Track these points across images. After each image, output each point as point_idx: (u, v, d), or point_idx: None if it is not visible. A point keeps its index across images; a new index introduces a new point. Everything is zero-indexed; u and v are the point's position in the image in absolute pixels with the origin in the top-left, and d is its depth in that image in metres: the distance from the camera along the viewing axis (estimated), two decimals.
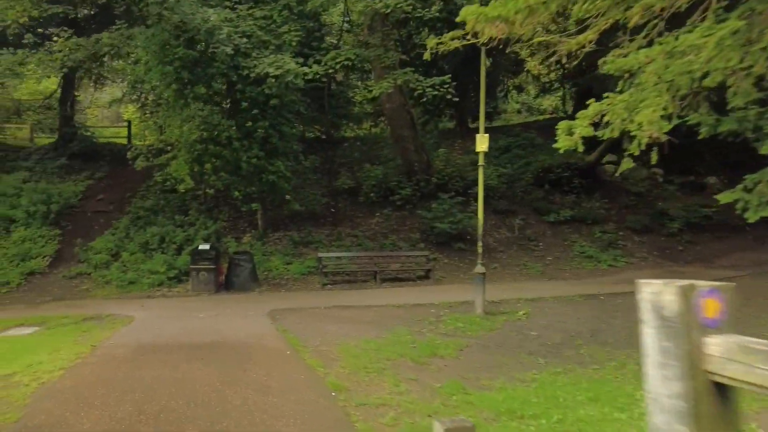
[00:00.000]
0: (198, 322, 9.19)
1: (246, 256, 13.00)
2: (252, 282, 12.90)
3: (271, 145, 14.08)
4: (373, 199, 17.64)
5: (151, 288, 12.76)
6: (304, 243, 15.39)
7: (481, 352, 8.12)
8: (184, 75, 12.38)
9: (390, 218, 17.02)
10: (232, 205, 17.11)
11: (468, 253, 15.74)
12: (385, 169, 18.42)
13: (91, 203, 17.56)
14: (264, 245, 15.01)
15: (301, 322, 9.27)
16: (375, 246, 15.46)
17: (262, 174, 13.86)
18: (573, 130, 5.52)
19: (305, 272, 13.90)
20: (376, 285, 13.33)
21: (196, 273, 12.40)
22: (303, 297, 11.99)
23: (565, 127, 5.62)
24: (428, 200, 17.85)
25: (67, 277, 13.51)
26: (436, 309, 10.79)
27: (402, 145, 17.80)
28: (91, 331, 8.60)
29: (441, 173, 18.26)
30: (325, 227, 16.55)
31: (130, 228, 15.27)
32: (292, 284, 13.37)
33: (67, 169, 19.42)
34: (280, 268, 14.03)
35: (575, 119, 5.60)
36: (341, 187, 18.34)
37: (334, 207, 17.81)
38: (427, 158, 18.10)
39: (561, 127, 5.66)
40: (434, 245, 15.81)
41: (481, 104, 10.84)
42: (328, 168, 20.42)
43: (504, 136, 22.57)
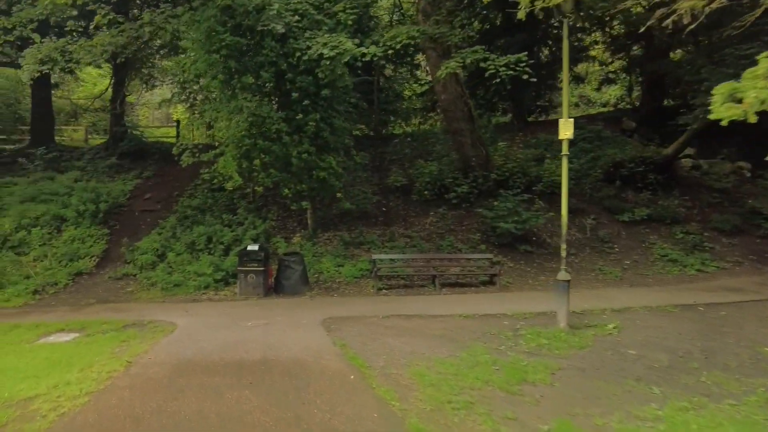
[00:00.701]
0: (246, 333, 8.13)
1: (296, 257, 11.96)
2: (302, 285, 11.83)
3: (322, 140, 13.00)
4: (427, 197, 16.32)
5: (197, 291, 11.91)
6: (356, 244, 14.24)
7: (578, 376, 6.66)
8: (231, 64, 11.45)
9: (446, 218, 15.66)
10: (280, 204, 16.19)
11: (535, 257, 14.18)
12: (439, 166, 17.06)
13: (139, 202, 17.06)
14: (314, 246, 13.96)
15: (359, 335, 8.06)
16: (431, 248, 14.13)
17: (313, 170, 12.80)
18: (740, 94, 4.02)
19: (358, 275, 12.74)
20: (436, 291, 11.99)
21: (244, 275, 11.44)
22: (357, 303, 10.80)
23: (726, 91, 4.12)
24: (487, 198, 16.39)
25: (113, 278, 12.87)
26: (510, 321, 9.36)
27: (458, 139, 16.38)
28: (130, 340, 7.68)
29: (501, 169, 16.73)
30: (377, 227, 15.36)
31: (176, 227, 14.56)
32: (345, 288, 12.22)
33: (116, 169, 19.12)
34: (331, 270, 12.93)
35: (741, 81, 4.10)
36: (392, 185, 17.11)
37: (385, 206, 16.62)
38: (485, 153, 16.61)
39: (720, 92, 4.17)
40: (496, 247, 14.33)
41: (564, 82, 9.33)
42: (378, 165, 19.26)
43: None
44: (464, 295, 11.71)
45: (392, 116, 23.64)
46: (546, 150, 19.19)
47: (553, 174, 16.61)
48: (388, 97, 23.22)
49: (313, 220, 14.71)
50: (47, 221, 14.86)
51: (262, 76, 11.53)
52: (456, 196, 15.98)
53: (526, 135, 20.86)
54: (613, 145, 18.97)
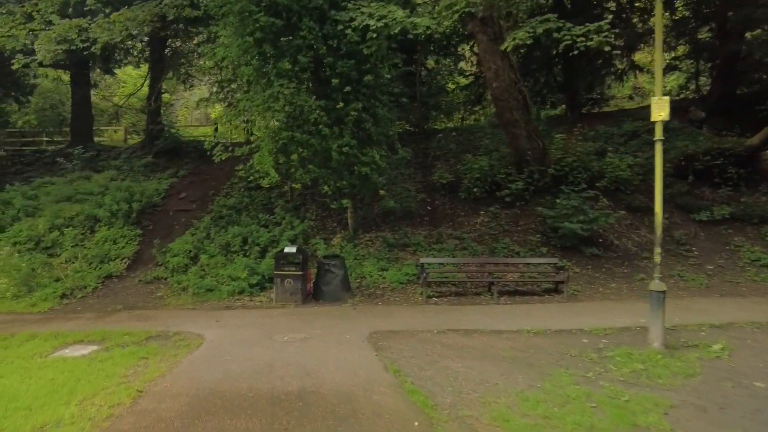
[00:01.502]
0: (281, 351, 6.90)
1: (337, 260, 10.71)
2: (344, 291, 10.58)
3: (364, 132, 11.71)
4: (477, 194, 14.80)
5: (231, 297, 10.83)
6: (400, 246, 12.89)
7: (701, 419, 5.07)
8: (266, 49, 10.31)
9: (498, 217, 14.11)
10: (319, 203, 15.03)
11: (603, 261, 12.46)
12: (489, 161, 15.51)
13: (174, 201, 16.26)
14: (355, 248, 12.71)
15: (414, 356, 6.70)
16: (484, 250, 12.61)
17: (354, 165, 11.54)
18: None
19: (404, 281, 11.38)
20: (493, 300, 10.50)
21: (281, 280, 10.28)
22: (406, 314, 9.43)
23: None
24: (543, 196, 14.75)
25: (143, 281, 11.97)
26: (590, 338, 7.79)
27: (511, 131, 14.79)
28: (150, 358, 6.58)
29: (558, 164, 15.04)
30: (422, 227, 13.97)
31: (210, 228, 13.60)
32: (390, 295, 10.89)
33: (152, 168, 18.46)
34: (374, 274, 11.63)
35: None
36: (438, 182, 15.68)
37: (430, 204, 15.21)
38: (542, 146, 14.95)
39: None
40: (558, 250, 12.69)
41: (656, 53, 7.69)
42: (421, 162, 17.87)
43: (627, 118, 18.79)
44: (527, 305, 10.16)
45: (434, 111, 22.21)
46: (606, 143, 17.37)
47: (618, 169, 14.83)
48: (430, 90, 21.81)
49: (354, 219, 13.46)
50: (81, 221, 14.18)
51: (300, 61, 10.33)
52: (509, 193, 14.41)
53: (583, 128, 19.01)
54: (682, 137, 16.90)
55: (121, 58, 22.69)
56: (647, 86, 29.76)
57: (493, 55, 14.53)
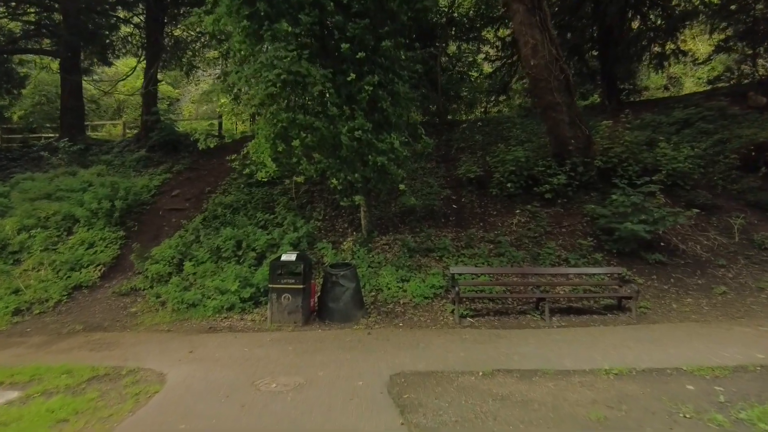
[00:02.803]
0: (262, 412, 4.69)
1: (347, 270, 8.46)
2: (355, 309, 8.36)
3: (381, 114, 9.50)
4: (511, 190, 12.48)
5: (217, 314, 8.69)
6: (423, 251, 10.64)
7: None
8: (260, 6, 8.14)
9: (537, 216, 11.78)
10: (327, 200, 12.85)
11: (670, 269, 10.07)
12: (524, 151, 13.19)
13: (165, 199, 14.19)
14: (369, 253, 10.49)
15: (458, 420, 4.47)
16: (526, 257, 10.31)
17: (369, 155, 9.33)
18: None
19: (429, 295, 9.12)
20: (544, 321, 8.20)
21: (277, 296, 8.09)
22: (436, 342, 7.16)
23: None
24: (588, 191, 12.43)
25: (118, 294, 9.87)
26: (696, 383, 5.45)
27: (552, 117, 12.45)
28: (72, 420, 4.44)
29: (606, 154, 12.67)
30: (448, 229, 11.71)
31: (200, 230, 11.49)
32: (412, 313, 8.65)
33: (145, 162, 16.42)
34: (392, 286, 9.39)
35: None
36: (465, 177, 13.39)
37: (456, 202, 12.93)
38: (586, 133, 12.60)
39: None
40: (613, 256, 10.33)
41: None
42: (443, 154, 15.60)
43: (676, 106, 16.32)
44: (588, 328, 7.83)
45: (456, 101, 19.91)
46: (654, 133, 14.93)
47: (674, 161, 12.39)
48: (451, 78, 19.52)
49: (368, 220, 11.24)
50: (57, 222, 12.16)
51: (302, 21, 8.14)
52: (550, 188, 12.07)
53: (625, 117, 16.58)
54: (746, 125, 14.41)
55: (119, 47, 20.77)
56: (683, 76, 27.22)
57: (530, 28, 12.22)
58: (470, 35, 19.78)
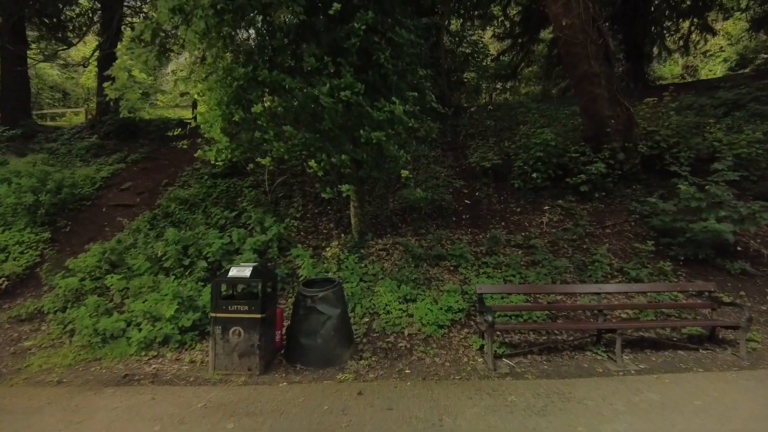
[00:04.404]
0: None
1: (330, 290, 5.70)
2: (341, 346, 5.63)
3: (377, 71, 6.80)
4: (537, 182, 9.86)
5: (144, 351, 5.94)
6: (432, 258, 7.94)
7: None
8: None
9: (572, 214, 9.15)
10: (309, 194, 10.14)
11: (761, 281, 7.43)
12: (553, 134, 10.55)
13: (112, 194, 11.38)
14: (361, 262, 7.77)
15: None
16: (569, 268, 7.64)
17: (360, 128, 6.64)
18: None
19: (444, 322, 6.40)
20: (612, 360, 5.54)
21: (223, 330, 5.35)
22: (469, 414, 4.42)
23: None
24: (630, 183, 9.89)
25: (15, 318, 7.06)
26: None
27: (588, 90, 9.83)
28: None
29: (651, 138, 10.10)
30: (462, 229, 9.03)
31: (141, 232, 8.72)
32: (423, 352, 5.94)
33: (96, 151, 13.58)
34: (393, 308, 6.68)
35: None
36: (478, 166, 10.74)
37: (469, 196, 10.27)
38: (629, 112, 10.01)
39: None
40: (679, 265, 7.71)
41: None
42: (450, 141, 12.94)
43: (719, 87, 13.79)
44: (684, 374, 5.15)
45: (459, 88, 17.29)
46: (697, 116, 12.38)
47: (735, 146, 9.83)
48: (455, 58, 16.92)
49: (360, 218, 8.53)
50: None
51: None
52: (586, 179, 9.47)
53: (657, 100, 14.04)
54: None
55: (75, 25, 17.87)
56: (700, 64, 24.87)
57: None
58: (475, 12, 17.14)
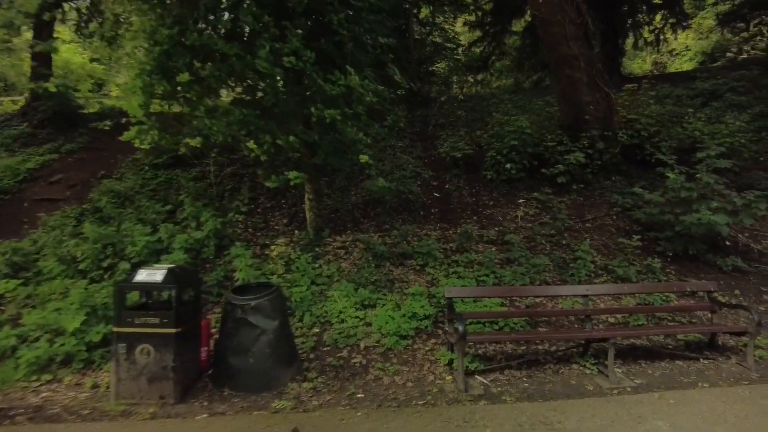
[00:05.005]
0: None
1: (266, 297, 4.60)
2: (280, 366, 4.55)
3: (331, 37, 5.75)
4: (512, 173, 8.99)
5: (33, 377, 4.74)
6: (396, 257, 6.93)
7: None
8: None
9: (549, 207, 8.31)
10: (259, 186, 9.01)
11: (754, 279, 6.73)
12: (528, 121, 9.71)
13: (39, 187, 9.97)
14: (315, 262, 6.69)
15: None
16: (548, 266, 6.76)
17: (311, 105, 5.57)
18: None
19: (408, 332, 5.39)
20: (604, 375, 4.66)
21: (127, 350, 4.21)
22: None
23: None
24: (609, 175, 9.18)
25: None
26: None
27: (567, 74, 9.02)
28: None
29: (632, 127, 9.41)
30: (431, 224, 8.06)
31: (58, 228, 7.43)
32: (382, 369, 4.92)
33: (26, 140, 12.09)
34: (349, 317, 5.63)
35: None
36: (449, 157, 9.81)
37: (438, 189, 9.33)
38: (609, 98, 9.26)
39: None
40: (668, 261, 6.95)
41: None
42: (419, 132, 12.00)
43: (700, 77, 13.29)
44: (689, 392, 4.31)
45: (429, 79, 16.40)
46: (675, 106, 11.81)
47: (719, 135, 9.22)
48: (424, 46, 16.02)
49: (316, 212, 7.46)
50: None
51: None
52: (563, 170, 8.65)
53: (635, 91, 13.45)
54: None
55: None
56: (668, 61, 24.73)
57: None
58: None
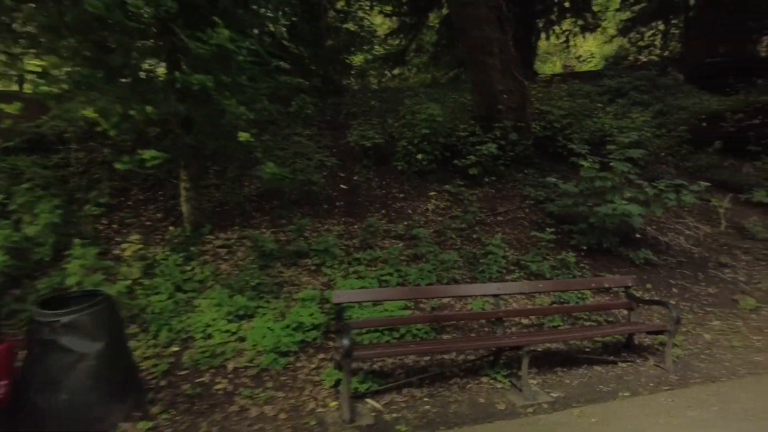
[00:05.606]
0: None
1: (85, 313, 3.39)
2: (105, 402, 3.37)
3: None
4: (423, 164, 8.32)
5: None
6: (289, 257, 5.91)
7: None
8: None
9: (461, 200, 7.73)
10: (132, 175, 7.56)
11: (664, 271, 6.52)
12: (441, 109, 9.11)
13: None
14: (187, 263, 5.50)
15: None
16: (458, 262, 6.09)
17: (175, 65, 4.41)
18: None
19: (288, 347, 4.38)
20: (517, 389, 4.00)
21: None
22: None
23: None
24: (522, 168, 8.84)
25: None
26: None
27: (479, 61, 8.51)
28: None
29: (545, 119, 9.15)
30: (333, 219, 7.12)
31: None
32: (251, 397, 3.91)
33: None
34: (216, 331, 4.51)
35: None
36: (358, 146, 8.94)
37: (346, 180, 8.42)
38: (523, 87, 8.89)
39: None
40: (582, 256, 6.57)
41: None
42: (329, 120, 11.03)
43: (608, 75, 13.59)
44: (609, 404, 3.73)
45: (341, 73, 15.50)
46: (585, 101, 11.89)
47: (627, 129, 9.23)
48: (338, 37, 15.09)
49: (195, 203, 6.24)
50: None
51: None
52: (476, 161, 8.11)
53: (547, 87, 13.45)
54: (684, 96, 11.97)
55: None
56: (576, 65, 25.84)
57: None
58: None
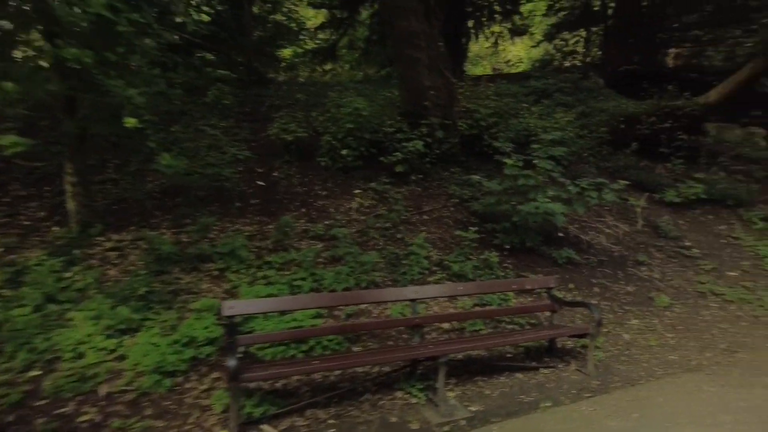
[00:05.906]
0: None
1: None
2: None
3: None
4: (348, 160, 7.87)
5: None
6: (189, 260, 5.22)
7: None
8: None
9: (386, 198, 7.36)
10: (13, 167, 6.51)
11: (585, 270, 6.50)
12: (366, 104, 8.70)
13: None
14: (67, 269, 4.68)
15: None
16: (379, 264, 5.69)
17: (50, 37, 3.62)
18: None
19: (176, 365, 3.76)
20: (434, 404, 3.64)
21: None
22: None
23: None
24: (448, 165, 8.64)
25: None
26: None
27: (407, 54, 8.17)
28: None
29: (471, 117, 9.02)
30: (246, 218, 6.46)
31: None
32: (119, 427, 3.27)
33: None
34: (90, 350, 3.80)
35: None
36: (279, 140, 8.30)
37: (264, 177, 7.77)
38: (450, 84, 8.68)
39: None
40: (505, 255, 6.40)
41: None
42: (250, 112, 10.30)
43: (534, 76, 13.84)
44: (530, 415, 3.47)
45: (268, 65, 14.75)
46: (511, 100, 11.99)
47: (550, 129, 9.29)
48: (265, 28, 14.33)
49: (83, 199, 5.38)
50: None
51: None
52: (402, 158, 7.77)
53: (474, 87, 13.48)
54: (605, 99, 12.39)
55: None
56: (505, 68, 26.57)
57: None
58: None
